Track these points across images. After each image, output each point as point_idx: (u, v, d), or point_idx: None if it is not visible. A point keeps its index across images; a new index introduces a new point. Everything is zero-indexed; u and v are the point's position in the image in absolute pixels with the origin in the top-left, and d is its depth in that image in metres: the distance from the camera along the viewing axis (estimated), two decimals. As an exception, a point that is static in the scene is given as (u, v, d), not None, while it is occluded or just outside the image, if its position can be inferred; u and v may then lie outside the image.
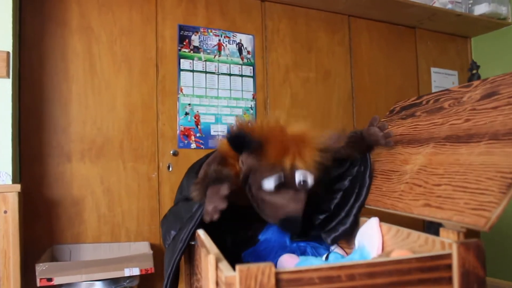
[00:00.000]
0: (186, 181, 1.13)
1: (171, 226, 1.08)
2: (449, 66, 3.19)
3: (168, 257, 1.03)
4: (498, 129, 0.84)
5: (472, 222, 0.73)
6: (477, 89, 1.02)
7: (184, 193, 1.12)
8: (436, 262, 0.68)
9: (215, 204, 0.89)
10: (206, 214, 0.92)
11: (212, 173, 0.95)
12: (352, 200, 1.10)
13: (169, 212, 1.22)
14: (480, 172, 0.79)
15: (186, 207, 1.05)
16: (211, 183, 0.93)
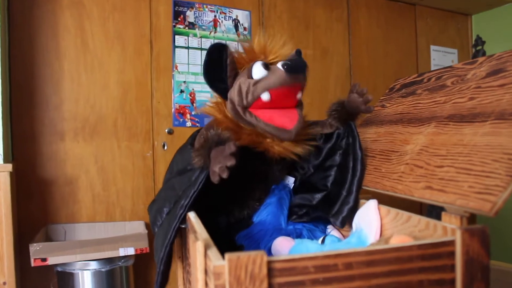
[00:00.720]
0: (179, 156, 1.08)
1: (163, 204, 1.03)
2: (449, 44, 3.12)
3: (161, 235, 0.97)
4: (505, 108, 0.79)
5: (477, 207, 0.68)
6: (482, 66, 0.96)
7: (178, 167, 1.07)
8: (439, 249, 0.63)
9: (223, 163, 0.85)
10: (214, 174, 0.88)
11: (213, 136, 0.92)
12: (350, 176, 1.06)
13: (157, 196, 1.17)
14: (485, 154, 0.74)
15: (181, 180, 1.01)
16: (214, 146, 0.91)
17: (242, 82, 1.01)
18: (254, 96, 1.01)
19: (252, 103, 1.02)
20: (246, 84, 1.01)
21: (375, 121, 1.22)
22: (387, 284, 0.61)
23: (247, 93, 1.01)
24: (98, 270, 1.82)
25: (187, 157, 1.01)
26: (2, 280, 1.67)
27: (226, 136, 0.93)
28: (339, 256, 0.59)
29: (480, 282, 0.64)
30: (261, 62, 1.01)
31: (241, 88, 1.01)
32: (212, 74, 1.05)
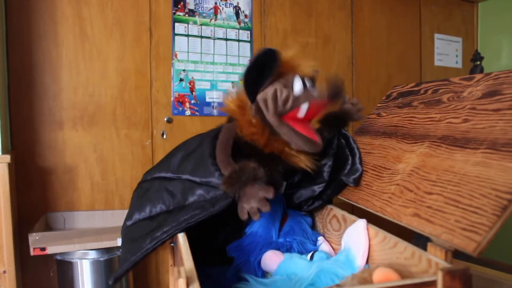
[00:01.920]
0: (199, 161, 1.04)
1: (156, 202, 1.02)
2: (454, 33, 3.04)
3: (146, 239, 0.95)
4: (498, 137, 0.77)
5: (462, 245, 0.67)
6: (478, 84, 0.94)
7: (185, 173, 1.04)
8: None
9: (257, 205, 0.87)
10: (242, 212, 0.90)
11: (250, 171, 0.91)
12: (350, 157, 1.15)
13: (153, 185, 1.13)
14: (474, 186, 0.73)
15: (186, 188, 0.99)
16: (250, 181, 0.90)
17: (279, 90, 1.01)
18: (293, 106, 1.02)
19: (288, 112, 1.02)
20: (285, 93, 1.01)
21: (370, 131, 1.21)
22: (367, 325, 0.61)
23: (285, 101, 1.01)
24: (97, 259, 1.84)
25: (204, 169, 0.99)
26: (2, 268, 1.70)
27: (262, 175, 0.92)
28: (319, 299, 0.59)
29: (460, 323, 0.64)
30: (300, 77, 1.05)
31: (276, 96, 1.01)
32: (253, 75, 1.03)
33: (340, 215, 1.05)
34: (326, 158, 1.14)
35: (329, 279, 0.85)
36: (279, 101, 1.00)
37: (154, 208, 1.02)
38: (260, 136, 1.03)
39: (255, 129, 1.03)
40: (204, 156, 1.01)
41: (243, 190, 0.89)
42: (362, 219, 0.93)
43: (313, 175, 1.14)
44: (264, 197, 0.87)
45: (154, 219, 1.00)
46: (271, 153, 1.04)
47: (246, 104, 1.06)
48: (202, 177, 0.98)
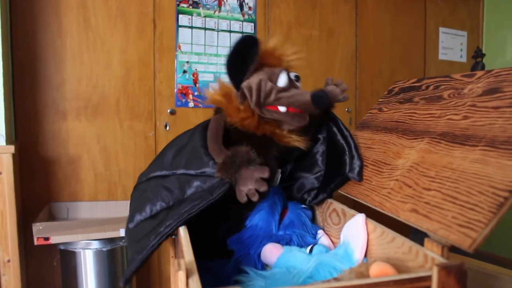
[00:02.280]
0: (191, 154, 1.06)
1: (153, 200, 1.03)
2: (459, 27, 3.03)
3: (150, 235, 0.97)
4: (497, 135, 0.78)
5: (458, 241, 0.68)
6: (479, 81, 0.94)
7: (180, 167, 1.05)
8: (415, 284, 0.64)
9: (254, 186, 0.89)
10: (241, 195, 0.92)
11: (243, 154, 0.94)
12: (346, 147, 1.16)
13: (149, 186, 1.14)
14: (472, 183, 0.74)
15: (188, 182, 1.00)
16: (244, 164, 0.92)
17: (263, 82, 1.03)
18: (273, 103, 1.03)
19: (267, 106, 1.03)
20: (269, 87, 1.02)
21: (371, 126, 1.22)
22: (362, 318, 0.63)
23: (268, 95, 1.02)
24: (100, 249, 1.87)
25: (198, 161, 1.00)
26: (7, 258, 1.72)
27: (255, 156, 0.94)
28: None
29: (454, 318, 0.65)
30: (286, 72, 1.06)
31: (260, 87, 1.02)
32: (235, 64, 1.04)
33: (339, 209, 1.06)
34: (317, 144, 1.14)
35: (328, 272, 0.86)
36: (261, 92, 1.02)
37: (154, 207, 1.03)
38: (250, 120, 1.04)
39: (244, 114, 1.04)
40: (196, 148, 1.03)
41: (239, 174, 0.91)
42: (361, 214, 0.94)
43: (309, 164, 1.15)
44: (260, 177, 0.88)
45: (156, 217, 1.01)
46: (263, 135, 1.05)
47: (232, 92, 1.07)
48: (197, 168, 0.99)
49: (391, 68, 2.83)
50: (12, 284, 1.74)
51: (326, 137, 1.15)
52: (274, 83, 1.04)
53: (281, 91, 1.02)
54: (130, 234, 1.05)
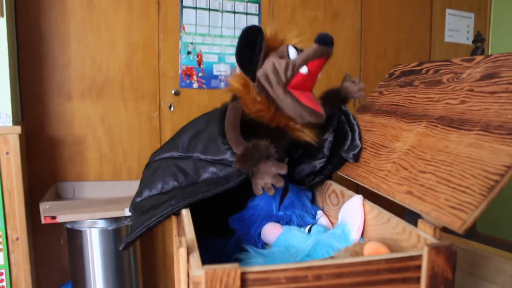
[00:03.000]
0: (209, 140, 1.08)
1: (167, 179, 1.07)
2: (466, 8, 3.00)
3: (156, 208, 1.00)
4: (491, 119, 0.80)
5: (449, 222, 0.71)
6: (478, 66, 0.96)
7: (196, 151, 1.08)
8: (406, 263, 0.68)
9: (271, 181, 0.93)
10: (257, 187, 0.95)
11: (263, 148, 0.96)
12: (350, 133, 1.19)
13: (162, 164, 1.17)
14: (465, 166, 0.77)
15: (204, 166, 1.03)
16: (263, 158, 0.95)
17: (276, 62, 1.05)
18: (294, 71, 1.05)
19: (291, 79, 1.05)
20: (283, 63, 1.05)
21: (372, 109, 1.24)
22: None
23: (286, 69, 1.04)
24: (105, 228, 1.92)
25: (216, 148, 1.03)
26: (15, 235, 1.78)
27: (274, 151, 0.98)
28: (310, 269, 0.64)
29: (443, 294, 0.69)
30: (292, 46, 1.08)
31: (276, 67, 1.05)
32: (245, 56, 1.07)
33: (338, 190, 1.09)
34: (327, 133, 1.18)
35: (325, 251, 0.90)
36: (280, 71, 1.04)
37: (166, 185, 1.07)
38: (266, 112, 1.07)
39: (260, 106, 1.07)
40: (214, 135, 1.05)
41: (257, 167, 0.94)
42: (359, 195, 0.98)
43: (314, 151, 1.18)
44: (278, 173, 0.92)
45: (167, 194, 1.05)
46: (276, 127, 1.08)
47: (250, 83, 1.09)
48: (214, 155, 1.02)
49: (396, 50, 2.83)
50: (21, 261, 1.80)
51: (336, 128, 1.19)
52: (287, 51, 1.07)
53: (296, 61, 1.05)
54: (136, 206, 1.08)
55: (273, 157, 0.96)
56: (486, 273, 1.24)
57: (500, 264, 1.21)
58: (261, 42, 1.03)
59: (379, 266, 0.67)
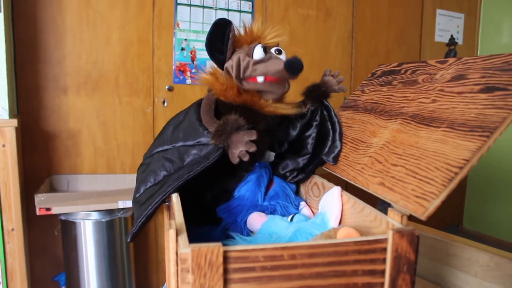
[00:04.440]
0: (188, 127, 1.17)
1: (163, 167, 1.16)
2: (456, 8, 3.10)
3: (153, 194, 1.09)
4: (456, 117, 0.89)
5: (413, 210, 0.80)
6: (450, 68, 1.05)
7: (178, 141, 1.17)
8: (373, 245, 0.76)
9: (244, 148, 1.01)
10: (233, 157, 1.04)
11: (233, 121, 1.04)
12: (331, 132, 1.26)
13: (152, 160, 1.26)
14: (431, 160, 0.86)
15: (186, 151, 1.12)
16: (234, 130, 1.04)
17: (241, 58, 1.14)
18: (251, 75, 1.15)
19: (247, 78, 1.15)
20: (246, 61, 1.14)
21: (353, 106, 1.33)
22: (326, 272, 0.75)
23: (245, 68, 1.14)
24: (99, 220, 2.00)
25: (193, 132, 1.12)
26: (11, 226, 1.85)
27: (244, 122, 1.05)
28: (285, 249, 0.73)
29: (405, 273, 0.78)
30: (261, 45, 1.15)
31: (240, 63, 1.14)
32: (213, 45, 1.17)
33: (320, 182, 1.18)
34: (310, 129, 1.26)
35: (305, 238, 0.99)
36: (240, 68, 1.14)
37: (158, 176, 1.15)
38: (230, 90, 1.16)
39: (225, 86, 1.17)
40: (191, 121, 1.15)
41: (230, 139, 1.03)
42: (337, 186, 1.06)
43: (298, 147, 1.27)
44: (249, 139, 1.01)
45: (159, 184, 1.14)
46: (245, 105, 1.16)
47: (218, 71, 1.20)
48: (194, 139, 1.12)
49: (387, 48, 2.92)
50: (16, 251, 1.88)
51: (319, 124, 1.27)
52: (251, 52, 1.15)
53: (257, 63, 1.13)
54: (136, 201, 1.18)
55: (243, 128, 1.04)
56: (461, 263, 1.34)
57: (474, 255, 1.31)
58: (229, 33, 1.13)
59: (348, 248, 0.75)
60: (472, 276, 1.31)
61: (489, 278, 1.28)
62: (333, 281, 0.77)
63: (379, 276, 0.79)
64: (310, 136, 1.26)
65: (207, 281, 0.71)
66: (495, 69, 0.94)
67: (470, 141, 0.81)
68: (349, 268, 0.76)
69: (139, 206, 1.13)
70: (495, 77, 0.91)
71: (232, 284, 0.73)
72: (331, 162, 1.21)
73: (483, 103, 0.88)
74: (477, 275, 1.30)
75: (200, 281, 0.70)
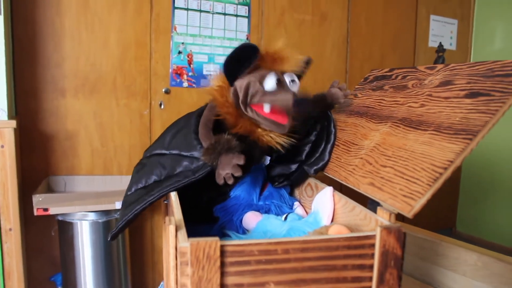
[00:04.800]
0: (185, 137, 1.20)
1: (150, 174, 1.21)
2: (450, 14, 3.17)
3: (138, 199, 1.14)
4: (443, 121, 0.95)
5: (400, 208, 0.86)
6: (438, 74, 1.10)
7: (175, 148, 1.21)
8: (362, 241, 0.82)
9: (230, 171, 1.03)
10: (219, 177, 1.06)
11: (225, 142, 1.07)
12: (324, 143, 1.29)
13: (149, 161, 1.31)
14: (418, 161, 0.91)
15: (175, 161, 1.17)
16: (224, 151, 1.06)
17: (252, 83, 1.13)
18: (258, 102, 1.13)
19: (252, 104, 1.15)
20: (255, 88, 1.12)
21: (346, 110, 1.38)
22: (317, 266, 0.81)
23: (253, 96, 1.13)
24: (96, 220, 2.04)
25: (188, 144, 1.16)
26: (8, 226, 1.89)
27: (236, 144, 1.08)
28: (279, 244, 0.78)
29: (392, 268, 0.83)
30: (275, 77, 1.14)
31: (248, 88, 1.13)
32: (232, 65, 1.14)
33: (313, 183, 1.24)
34: (308, 137, 1.30)
35: (298, 236, 1.04)
36: (248, 93, 1.13)
37: (149, 180, 1.21)
38: (230, 116, 1.16)
39: (231, 109, 1.17)
40: (188, 132, 1.19)
41: (219, 159, 1.06)
42: (329, 187, 1.12)
43: (294, 152, 1.31)
44: (237, 164, 1.04)
45: (147, 187, 1.19)
46: (247, 134, 1.18)
47: (225, 86, 1.20)
48: (187, 151, 1.16)
49: (381, 53, 2.99)
50: (14, 251, 1.91)
51: (318, 133, 1.30)
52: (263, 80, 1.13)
53: (266, 94, 1.12)
54: (125, 200, 1.23)
55: (234, 150, 1.07)
56: (450, 262, 1.39)
57: (462, 254, 1.36)
58: (252, 60, 1.11)
59: (339, 243, 0.81)
60: (461, 275, 1.37)
61: (477, 277, 1.33)
62: (324, 274, 0.82)
63: (367, 270, 0.84)
64: (307, 144, 1.30)
65: (205, 274, 0.76)
66: (479, 75, 0.99)
67: (454, 144, 0.87)
68: (340, 262, 0.82)
69: (125, 207, 1.19)
70: (479, 83, 0.96)
71: (229, 277, 0.78)
72: (311, 173, 1.24)
73: (468, 108, 0.93)
74: (466, 274, 1.36)
75: (198, 274, 0.75)
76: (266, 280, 0.79)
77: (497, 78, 0.96)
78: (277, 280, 0.80)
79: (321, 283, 0.82)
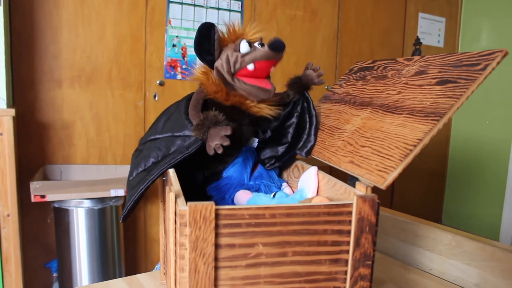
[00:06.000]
0: (176, 120, 1.34)
1: (148, 157, 1.33)
2: (438, 13, 3.32)
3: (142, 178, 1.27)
4: (416, 106, 1.08)
5: (375, 181, 0.99)
6: (414, 64, 1.24)
7: (168, 130, 1.34)
8: (340, 209, 0.95)
9: (219, 141, 1.13)
10: (209, 149, 1.18)
11: (212, 117, 1.17)
12: (307, 125, 1.40)
13: (143, 147, 1.44)
14: (393, 141, 1.04)
15: (169, 142, 1.29)
16: (212, 125, 1.17)
17: (229, 54, 1.27)
18: (241, 66, 1.27)
19: (238, 71, 1.31)
20: (234, 56, 1.26)
21: (332, 98, 1.51)
22: (300, 230, 0.93)
23: (235, 62, 1.26)
24: (91, 208, 2.15)
25: (180, 124, 1.29)
26: (6, 212, 2.00)
27: (222, 118, 1.18)
28: (267, 209, 0.91)
29: (367, 233, 0.96)
30: (246, 40, 1.27)
31: (229, 59, 1.27)
32: (201, 47, 1.31)
33: (300, 164, 1.37)
34: (291, 119, 1.44)
35: (285, 211, 1.17)
36: (230, 63, 1.27)
37: (147, 162, 1.33)
38: (220, 93, 1.30)
39: (216, 88, 1.32)
40: (179, 115, 1.32)
41: (208, 133, 1.18)
42: (314, 166, 1.25)
43: (280, 135, 1.45)
44: (224, 134, 1.14)
45: (147, 169, 1.31)
46: (233, 106, 1.33)
47: (209, 71, 1.35)
48: (179, 131, 1.29)
49: (370, 49, 3.13)
50: (11, 236, 2.02)
51: (299, 114, 1.45)
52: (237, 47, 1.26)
53: (244, 55, 1.25)
54: (128, 184, 1.35)
55: (221, 123, 1.17)
56: (428, 243, 1.53)
57: (438, 235, 1.50)
58: (214, 34, 1.26)
59: (320, 210, 0.94)
60: (437, 254, 1.50)
61: (451, 256, 1.47)
62: (306, 238, 0.95)
63: (345, 235, 0.97)
64: (291, 126, 1.44)
65: (201, 233, 0.88)
66: (449, 65, 1.13)
67: (424, 124, 1.00)
68: (320, 227, 0.94)
69: (130, 189, 1.31)
70: (449, 72, 1.10)
71: (222, 237, 0.90)
72: (303, 156, 1.38)
73: (437, 94, 1.07)
74: (441, 253, 1.49)
75: (195, 233, 0.88)
76: (255, 241, 0.92)
77: (464, 67, 1.09)
78: (265, 242, 0.92)
79: (304, 246, 0.95)
